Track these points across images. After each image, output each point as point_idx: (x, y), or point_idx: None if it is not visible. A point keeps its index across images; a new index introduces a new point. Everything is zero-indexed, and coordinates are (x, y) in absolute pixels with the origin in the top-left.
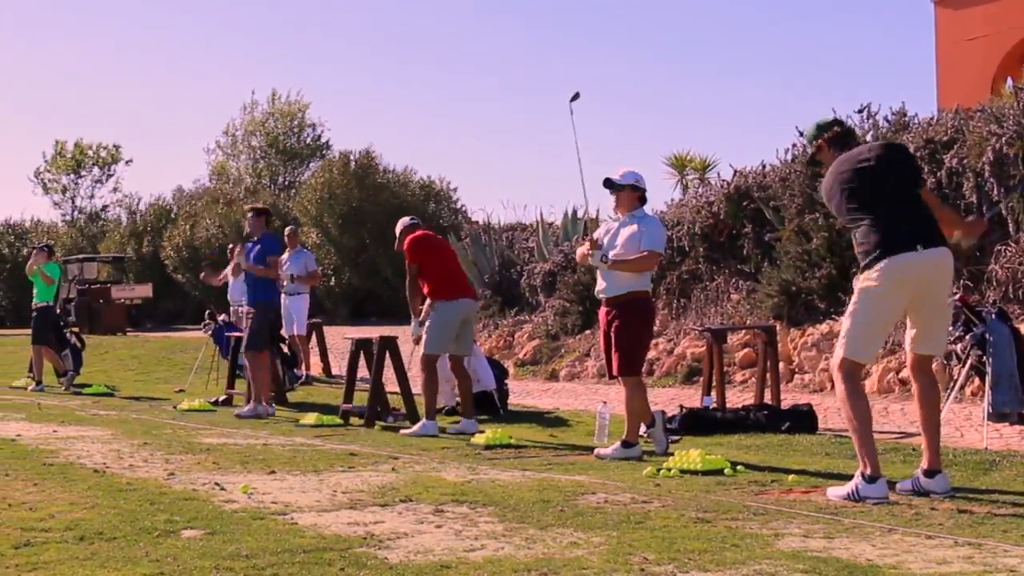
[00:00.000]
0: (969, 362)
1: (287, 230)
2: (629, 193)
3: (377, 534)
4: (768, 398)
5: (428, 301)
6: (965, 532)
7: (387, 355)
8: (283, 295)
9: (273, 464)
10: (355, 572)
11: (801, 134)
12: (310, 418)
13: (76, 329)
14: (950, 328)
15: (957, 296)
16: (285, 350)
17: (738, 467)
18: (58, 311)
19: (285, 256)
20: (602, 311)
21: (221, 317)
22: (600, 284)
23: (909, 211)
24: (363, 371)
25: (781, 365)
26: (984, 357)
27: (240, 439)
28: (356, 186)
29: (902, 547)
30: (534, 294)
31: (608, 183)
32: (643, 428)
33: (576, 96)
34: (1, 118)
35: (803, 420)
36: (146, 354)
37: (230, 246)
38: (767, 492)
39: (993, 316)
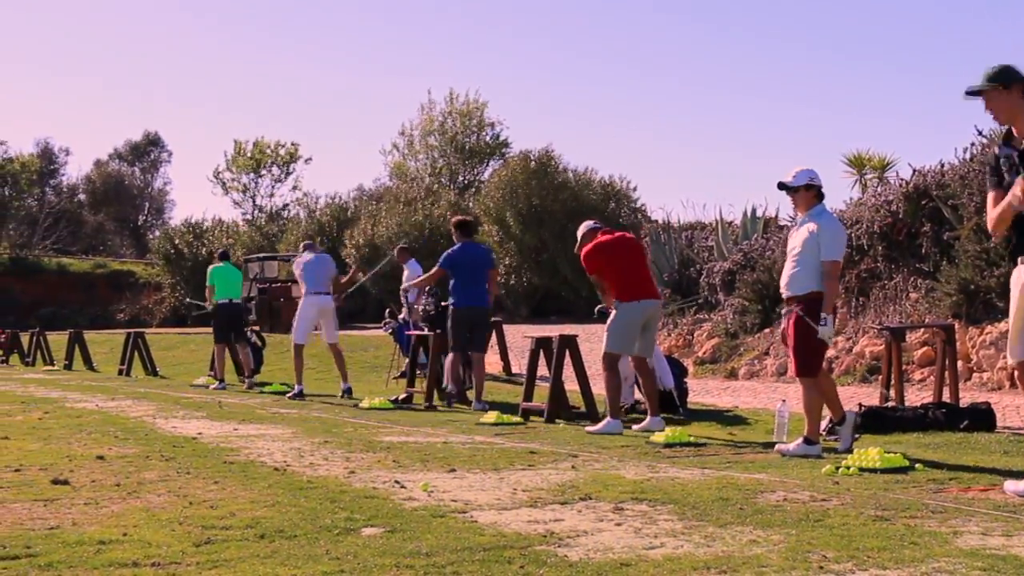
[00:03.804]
0: None
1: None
2: (804, 193)
3: (557, 532)
4: (947, 396)
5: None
6: None
7: (567, 354)
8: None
9: (453, 462)
10: (535, 570)
11: (980, 132)
12: (490, 416)
13: (256, 328)
14: None
15: None
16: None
17: (917, 465)
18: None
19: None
20: (787, 309)
21: (401, 316)
22: (784, 281)
23: None
24: (543, 369)
25: (960, 363)
26: None
27: (420, 437)
28: (537, 185)
29: None
30: (713, 292)
31: (782, 186)
32: (824, 423)
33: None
34: (183, 118)
35: (982, 418)
36: (325, 352)
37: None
38: (946, 490)
39: None
